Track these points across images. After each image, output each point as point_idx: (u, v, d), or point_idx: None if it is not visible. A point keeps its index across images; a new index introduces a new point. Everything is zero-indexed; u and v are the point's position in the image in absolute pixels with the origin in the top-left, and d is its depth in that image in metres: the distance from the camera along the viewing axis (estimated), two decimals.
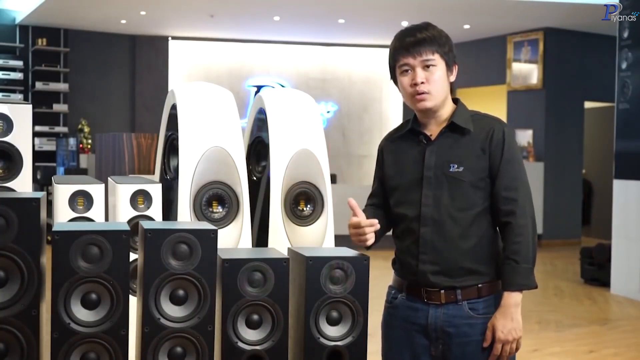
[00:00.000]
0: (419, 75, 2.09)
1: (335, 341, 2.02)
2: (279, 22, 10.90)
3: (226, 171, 2.48)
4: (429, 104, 2.10)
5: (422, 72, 2.09)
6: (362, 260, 2.04)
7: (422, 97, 2.09)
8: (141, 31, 11.81)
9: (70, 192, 2.36)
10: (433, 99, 2.10)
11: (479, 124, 2.12)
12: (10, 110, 2.27)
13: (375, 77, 12.86)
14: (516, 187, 2.08)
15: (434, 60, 2.09)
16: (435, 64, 2.09)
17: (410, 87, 2.11)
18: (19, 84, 11.12)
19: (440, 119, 2.15)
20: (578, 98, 10.72)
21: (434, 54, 2.09)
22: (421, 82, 2.08)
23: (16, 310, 1.78)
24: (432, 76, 2.09)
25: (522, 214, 2.06)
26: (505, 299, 2.05)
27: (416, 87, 2.09)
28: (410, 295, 2.15)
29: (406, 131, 2.20)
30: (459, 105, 2.18)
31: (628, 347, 5.31)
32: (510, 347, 2.05)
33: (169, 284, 1.88)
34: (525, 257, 2.03)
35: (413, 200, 2.12)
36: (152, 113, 11.73)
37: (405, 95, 2.15)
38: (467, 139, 2.10)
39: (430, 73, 2.09)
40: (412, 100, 2.13)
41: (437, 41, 2.10)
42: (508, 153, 2.09)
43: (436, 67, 2.09)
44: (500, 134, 2.09)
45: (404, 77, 2.12)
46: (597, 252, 7.59)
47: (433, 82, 2.09)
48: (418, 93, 2.09)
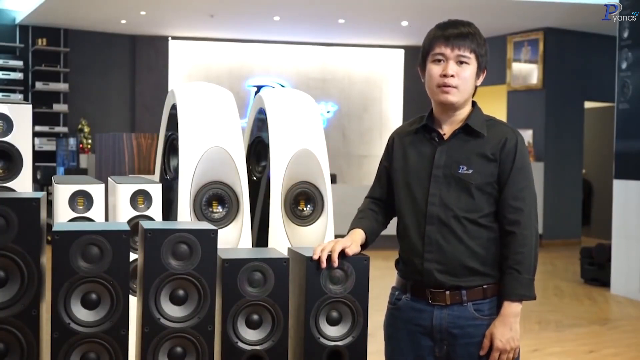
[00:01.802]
0: (450, 67, 2.08)
1: (335, 341, 2.02)
2: (279, 22, 10.90)
3: (226, 171, 2.48)
4: (453, 98, 2.10)
5: (455, 66, 2.08)
6: (362, 260, 2.04)
7: (448, 90, 2.09)
8: (141, 31, 11.81)
9: (70, 192, 2.36)
10: (458, 95, 2.10)
11: (492, 129, 2.12)
12: (10, 110, 2.27)
13: (375, 77, 12.85)
14: (524, 197, 2.08)
15: (469, 59, 2.09)
16: (469, 62, 2.09)
17: (438, 77, 2.10)
18: (19, 84, 11.12)
19: (456, 118, 2.15)
20: (578, 98, 10.72)
21: (472, 52, 2.09)
22: (451, 75, 2.08)
23: (16, 310, 1.78)
24: (463, 72, 2.09)
25: (527, 225, 2.06)
26: (505, 308, 2.05)
27: (445, 78, 2.08)
28: (415, 296, 2.14)
29: (419, 127, 2.19)
30: (476, 108, 2.18)
31: (628, 347, 5.31)
32: (507, 356, 2.06)
33: (169, 284, 1.88)
34: (527, 268, 2.04)
35: (420, 198, 2.12)
36: (152, 113, 11.72)
37: (431, 84, 2.13)
38: (479, 143, 2.10)
39: (462, 69, 2.09)
40: (436, 91, 2.11)
41: (477, 41, 2.11)
42: (519, 162, 2.09)
43: (469, 65, 2.09)
44: (512, 143, 2.09)
45: (435, 66, 2.11)
46: (597, 252, 7.59)
47: (463, 79, 2.09)
48: (445, 85, 2.09)
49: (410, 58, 12.23)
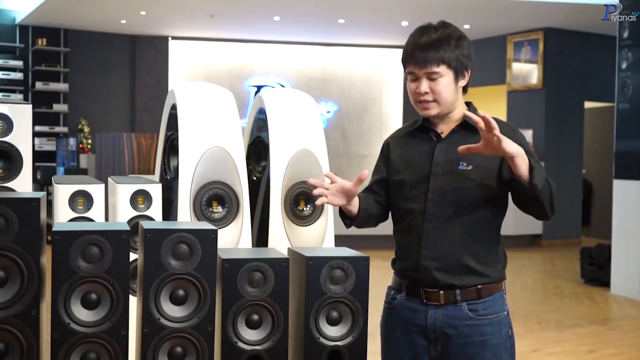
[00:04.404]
0: (422, 86, 2.10)
1: (335, 341, 2.02)
2: (279, 22, 10.90)
3: (226, 171, 2.48)
4: (433, 112, 2.12)
5: (426, 82, 2.09)
6: (362, 260, 2.04)
7: (426, 105, 2.11)
8: (141, 31, 11.81)
9: (70, 192, 2.36)
10: (437, 107, 2.11)
11: None
12: (10, 110, 2.27)
13: (375, 77, 12.85)
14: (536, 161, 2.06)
15: (439, 73, 2.08)
16: (442, 74, 2.08)
17: (415, 94, 2.13)
18: (19, 84, 11.12)
19: (451, 119, 2.16)
20: (578, 98, 10.72)
21: (439, 65, 2.07)
22: (425, 92, 2.09)
23: (16, 310, 1.78)
24: (437, 86, 2.09)
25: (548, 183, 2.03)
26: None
27: (420, 96, 2.11)
28: (410, 295, 2.14)
29: (416, 128, 2.21)
30: (471, 107, 2.19)
31: (628, 347, 5.31)
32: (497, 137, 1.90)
33: (169, 284, 1.88)
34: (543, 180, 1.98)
35: (419, 195, 2.12)
36: (152, 113, 11.73)
37: (411, 100, 2.18)
38: (478, 139, 2.09)
39: (436, 83, 2.09)
40: (416, 106, 2.16)
41: (446, 46, 2.07)
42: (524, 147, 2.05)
43: (443, 76, 2.09)
44: (514, 136, 2.06)
45: (411, 83, 2.14)
46: (597, 252, 7.59)
47: (437, 92, 2.09)
48: (421, 102, 2.12)
49: None
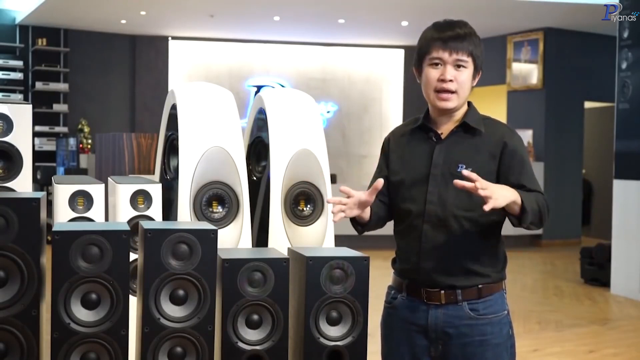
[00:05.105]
0: (449, 72, 2.06)
1: (335, 341, 2.02)
2: (279, 22, 10.90)
3: (226, 171, 2.48)
4: (451, 104, 2.09)
5: (453, 70, 2.06)
6: (362, 260, 2.04)
7: (447, 96, 2.07)
8: (141, 31, 11.81)
9: (70, 192, 2.36)
10: (456, 100, 2.09)
11: (490, 128, 2.12)
12: (10, 110, 2.27)
13: (375, 77, 12.85)
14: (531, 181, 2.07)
15: (467, 62, 2.07)
16: (467, 66, 2.07)
17: (436, 82, 2.08)
18: (19, 84, 11.12)
19: (453, 118, 2.14)
20: (578, 98, 10.72)
21: (469, 55, 2.07)
22: (449, 80, 2.06)
23: (16, 310, 1.78)
24: (461, 76, 2.07)
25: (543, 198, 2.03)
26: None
27: (443, 83, 2.07)
28: (410, 295, 2.14)
29: (416, 127, 2.19)
30: (471, 107, 2.17)
31: (628, 347, 5.31)
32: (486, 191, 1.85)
33: (169, 284, 1.88)
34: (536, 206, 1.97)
35: (418, 196, 2.11)
36: (152, 113, 11.73)
37: (428, 88, 2.11)
38: (477, 141, 2.09)
39: (460, 73, 2.07)
40: (434, 95, 2.10)
41: (474, 42, 2.09)
42: (520, 156, 2.07)
43: (467, 69, 2.08)
44: (512, 142, 2.08)
45: (433, 70, 2.09)
46: (597, 252, 7.59)
47: (461, 83, 2.07)
48: (444, 90, 2.07)
49: (410, 58, 12.20)
